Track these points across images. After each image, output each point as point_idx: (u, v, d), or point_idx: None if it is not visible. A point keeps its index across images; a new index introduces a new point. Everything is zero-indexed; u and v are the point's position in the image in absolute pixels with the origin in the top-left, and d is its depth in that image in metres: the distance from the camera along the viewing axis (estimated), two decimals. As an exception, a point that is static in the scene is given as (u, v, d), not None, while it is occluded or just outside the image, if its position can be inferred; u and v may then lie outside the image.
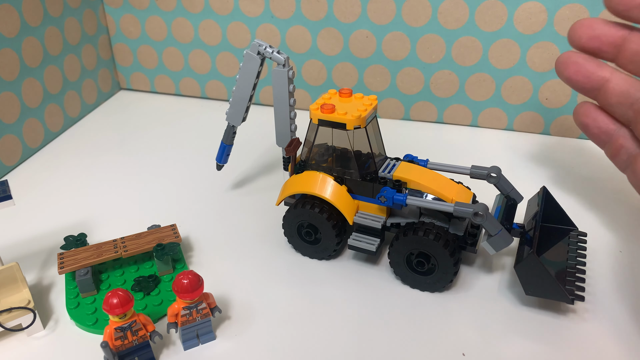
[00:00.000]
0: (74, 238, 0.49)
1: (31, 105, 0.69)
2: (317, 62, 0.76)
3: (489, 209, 0.44)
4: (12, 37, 0.64)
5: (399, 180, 0.46)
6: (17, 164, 0.67)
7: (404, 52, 0.71)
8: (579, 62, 0.46)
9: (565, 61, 0.47)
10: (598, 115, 0.48)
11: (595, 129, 0.48)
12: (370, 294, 0.46)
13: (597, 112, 0.48)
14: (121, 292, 0.37)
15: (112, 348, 0.38)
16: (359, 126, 0.45)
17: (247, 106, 0.54)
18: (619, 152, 0.47)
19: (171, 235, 0.48)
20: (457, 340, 0.41)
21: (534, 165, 0.64)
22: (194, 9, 0.77)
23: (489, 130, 0.73)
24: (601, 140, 0.48)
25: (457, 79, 0.71)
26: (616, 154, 0.47)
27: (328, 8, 0.71)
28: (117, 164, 0.67)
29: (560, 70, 0.47)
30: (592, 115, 0.48)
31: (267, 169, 0.65)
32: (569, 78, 0.47)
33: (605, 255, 0.49)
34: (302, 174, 0.49)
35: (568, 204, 0.52)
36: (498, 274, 0.48)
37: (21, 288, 0.43)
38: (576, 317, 0.43)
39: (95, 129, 0.77)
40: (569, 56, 0.47)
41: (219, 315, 0.43)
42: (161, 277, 0.47)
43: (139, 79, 0.87)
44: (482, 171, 0.47)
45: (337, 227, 0.47)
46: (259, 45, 0.50)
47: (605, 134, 0.48)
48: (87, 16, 0.79)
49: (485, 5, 0.65)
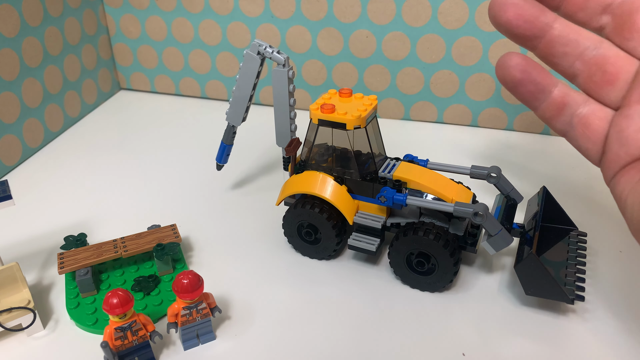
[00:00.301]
0: (74, 238, 0.49)
1: (31, 105, 0.69)
2: (317, 62, 0.76)
3: (489, 209, 0.44)
4: (12, 37, 0.64)
5: (399, 180, 0.46)
6: (17, 164, 0.67)
7: (404, 52, 0.71)
8: (518, 3, 0.38)
9: (504, 2, 0.38)
10: (532, 68, 0.39)
11: (530, 85, 0.39)
12: (370, 294, 0.46)
13: (530, 63, 0.39)
14: (121, 292, 0.37)
15: (112, 348, 0.38)
16: (359, 126, 0.45)
17: (247, 106, 0.54)
18: (560, 112, 0.40)
19: (171, 235, 0.48)
20: (457, 340, 0.41)
21: (534, 165, 0.64)
22: (194, 9, 0.77)
23: (489, 130, 0.73)
24: (536, 99, 0.40)
25: (457, 79, 0.71)
26: (557, 115, 0.40)
27: (328, 8, 0.71)
28: (117, 164, 0.67)
29: (497, 14, 0.38)
30: (525, 67, 0.39)
31: (267, 169, 0.65)
32: (507, 22, 0.38)
33: (605, 255, 0.49)
34: (302, 174, 0.49)
35: (568, 204, 0.52)
36: (498, 274, 0.48)
37: (21, 288, 0.43)
38: (576, 317, 0.43)
39: (95, 129, 0.77)
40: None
41: (219, 315, 0.43)
42: (161, 277, 0.47)
43: (139, 79, 0.87)
44: (482, 171, 0.47)
45: (337, 227, 0.47)
46: (259, 45, 0.50)
47: (541, 92, 0.40)
48: (87, 16, 0.79)
49: (485, 5, 0.65)
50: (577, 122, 0.39)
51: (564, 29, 0.38)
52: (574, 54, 0.38)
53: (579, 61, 0.38)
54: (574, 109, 0.39)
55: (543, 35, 0.38)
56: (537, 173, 0.62)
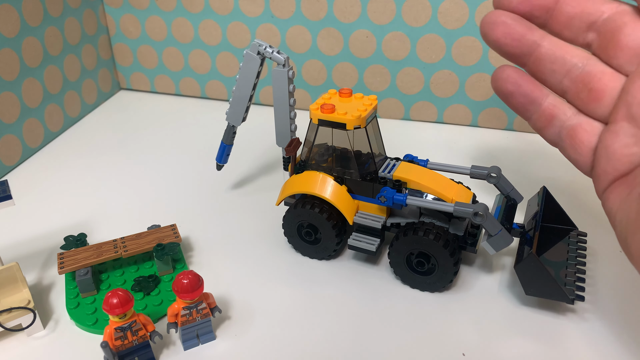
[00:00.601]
0: (74, 238, 0.49)
1: (31, 105, 0.69)
2: (317, 62, 0.76)
3: (489, 209, 0.44)
4: (12, 37, 0.64)
5: (399, 180, 0.46)
6: (17, 164, 0.67)
7: (404, 52, 0.71)
8: (507, 22, 0.39)
9: (493, 21, 0.39)
10: (523, 81, 0.41)
11: (521, 97, 0.41)
12: (370, 294, 0.46)
13: (522, 76, 0.41)
14: (121, 292, 0.37)
15: (112, 348, 0.38)
16: (359, 126, 0.45)
17: (247, 106, 0.54)
18: (550, 123, 0.41)
19: (171, 235, 0.48)
20: (457, 340, 0.41)
21: (534, 165, 0.64)
22: (194, 9, 0.77)
23: (489, 130, 0.73)
24: (527, 110, 0.42)
25: (457, 79, 0.71)
26: (547, 126, 0.41)
27: (328, 8, 0.71)
28: (117, 164, 0.67)
29: (487, 32, 0.40)
30: (516, 80, 0.41)
31: (267, 169, 0.65)
32: (496, 41, 0.40)
33: (605, 255, 0.49)
34: (302, 174, 0.49)
35: (568, 204, 0.52)
36: (498, 274, 0.48)
37: (21, 288, 0.43)
38: (576, 317, 0.43)
39: (95, 129, 0.77)
40: (497, 15, 0.40)
41: (219, 315, 0.43)
42: (161, 277, 0.47)
43: (139, 79, 0.87)
44: (482, 171, 0.47)
45: (337, 227, 0.47)
46: (259, 45, 0.50)
47: (532, 104, 0.41)
48: (87, 16, 0.79)
49: (485, 5, 0.65)
50: (565, 134, 0.40)
51: (551, 46, 0.39)
52: (561, 71, 0.39)
53: (567, 78, 0.39)
54: (563, 120, 0.40)
55: (531, 53, 0.40)
56: (537, 173, 0.62)
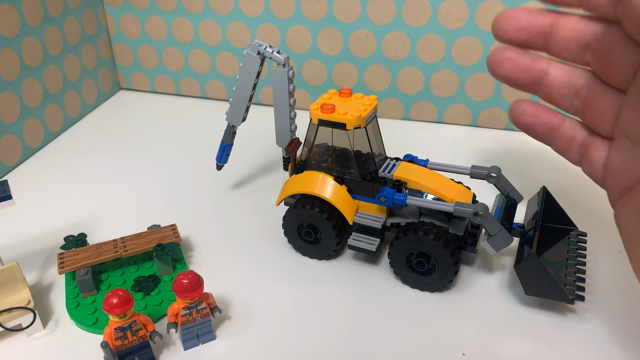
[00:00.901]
0: (74, 238, 0.49)
1: (31, 105, 0.69)
2: (317, 62, 0.76)
3: (489, 209, 0.44)
4: (12, 37, 0.64)
5: (399, 180, 0.46)
6: (17, 164, 0.67)
7: (404, 52, 0.71)
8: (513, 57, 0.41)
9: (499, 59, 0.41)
10: (539, 112, 0.43)
11: (540, 126, 0.43)
12: (370, 294, 0.46)
13: (537, 108, 0.43)
14: (121, 292, 0.37)
15: (112, 348, 0.38)
16: (359, 126, 0.45)
17: (247, 106, 0.54)
18: (570, 145, 0.43)
19: (171, 235, 0.48)
20: (457, 340, 0.41)
21: (534, 165, 0.64)
22: (194, 9, 0.77)
23: (489, 130, 0.73)
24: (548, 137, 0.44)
25: (457, 79, 0.71)
26: (568, 148, 0.43)
27: (328, 8, 0.71)
28: (117, 164, 0.67)
29: (495, 70, 0.42)
30: (533, 112, 0.43)
31: (267, 169, 0.65)
32: (506, 77, 0.42)
33: (605, 255, 0.49)
34: (302, 174, 0.49)
35: (568, 204, 0.52)
36: (498, 274, 0.48)
37: (21, 288, 0.43)
38: (576, 317, 0.43)
39: (95, 129, 0.77)
40: (502, 53, 0.42)
41: (219, 315, 0.43)
42: (161, 277, 0.47)
43: (139, 79, 0.87)
44: (482, 171, 0.47)
45: (337, 227, 0.47)
46: (259, 45, 0.50)
47: (551, 130, 0.43)
48: (87, 16, 0.79)
49: (485, 5, 0.65)
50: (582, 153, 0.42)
51: (557, 72, 0.41)
52: (570, 93, 0.41)
53: (577, 99, 0.41)
54: (580, 140, 0.42)
55: (540, 82, 0.42)
56: (537, 173, 0.62)
